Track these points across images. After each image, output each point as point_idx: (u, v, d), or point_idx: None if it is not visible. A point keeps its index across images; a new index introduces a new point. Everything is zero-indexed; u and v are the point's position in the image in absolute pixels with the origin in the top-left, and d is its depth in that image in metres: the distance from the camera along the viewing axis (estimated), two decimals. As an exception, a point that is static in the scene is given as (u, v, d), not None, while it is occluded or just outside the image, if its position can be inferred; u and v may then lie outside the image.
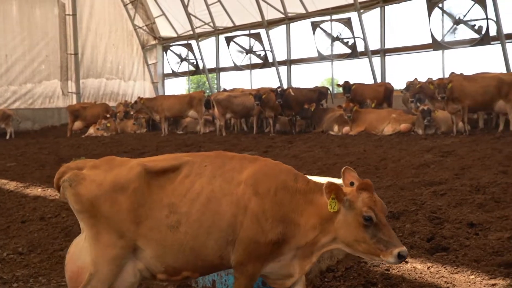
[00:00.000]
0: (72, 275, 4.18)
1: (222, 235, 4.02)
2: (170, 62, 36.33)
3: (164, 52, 36.82)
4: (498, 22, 21.52)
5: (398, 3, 25.73)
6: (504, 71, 20.91)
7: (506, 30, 21.79)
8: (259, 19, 29.89)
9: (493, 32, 21.64)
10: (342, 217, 3.93)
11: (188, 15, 32.85)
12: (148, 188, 4.13)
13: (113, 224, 4.07)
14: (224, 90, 27.72)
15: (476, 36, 21.92)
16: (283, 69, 30.50)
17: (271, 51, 30.16)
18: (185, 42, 35.18)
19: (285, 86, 27.47)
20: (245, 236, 4.00)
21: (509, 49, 21.81)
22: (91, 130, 26.34)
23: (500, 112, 17.45)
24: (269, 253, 4.02)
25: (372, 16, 26.57)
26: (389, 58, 26.62)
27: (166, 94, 35.61)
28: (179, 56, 35.39)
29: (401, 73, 29.47)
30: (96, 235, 4.13)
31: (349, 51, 26.87)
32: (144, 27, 36.84)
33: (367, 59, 26.11)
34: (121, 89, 36.53)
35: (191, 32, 33.82)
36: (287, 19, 29.71)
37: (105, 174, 4.20)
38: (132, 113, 27.18)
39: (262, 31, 30.21)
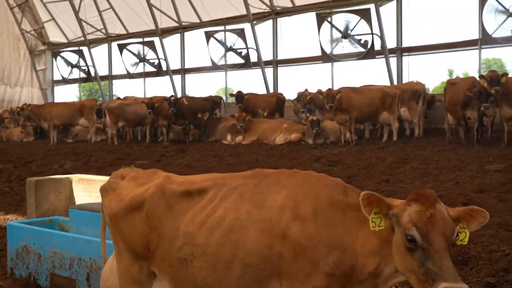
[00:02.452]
0: None
1: (251, 270, 3.32)
2: (60, 68, 35.16)
3: (54, 58, 35.61)
4: (382, 37, 22.64)
5: (290, 15, 26.44)
6: (388, 83, 22.00)
7: (389, 45, 22.97)
8: (152, 27, 29.64)
9: (377, 46, 22.74)
10: (394, 238, 3.05)
11: (79, 21, 32.01)
12: (165, 212, 3.63)
13: (129, 245, 3.76)
14: (118, 98, 27.27)
15: (362, 50, 22.94)
16: (177, 78, 30.40)
17: (165, 59, 29.98)
18: (76, 48, 34.19)
19: (179, 95, 27.42)
20: (292, 270, 3.24)
21: (392, 63, 23.01)
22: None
23: (384, 123, 18.33)
24: None
25: (265, 28, 27.15)
26: (281, 69, 27.26)
27: (56, 101, 34.42)
28: (70, 62, 34.35)
29: (292, 83, 30.17)
30: (118, 254, 3.86)
31: (242, 61, 27.23)
32: (32, 32, 35.46)
33: (260, 69, 26.59)
34: (6, 96, 34.97)
35: (82, 39, 32.95)
36: (181, 28, 29.69)
37: (133, 188, 3.85)
38: (21, 121, 26.10)
39: (156, 39, 29.97)
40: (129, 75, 31.53)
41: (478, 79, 16.08)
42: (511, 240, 6.18)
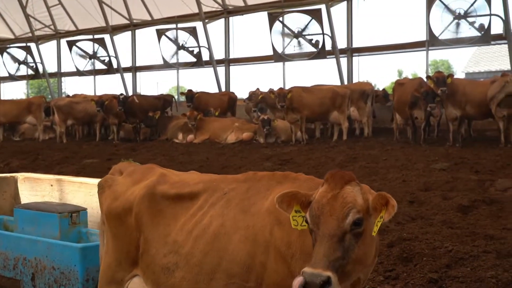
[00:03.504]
0: None
1: (235, 281, 3.15)
2: (7, 65, 34.23)
3: (0, 55, 34.67)
4: (333, 38, 22.92)
5: (242, 14, 26.49)
6: (339, 83, 22.28)
7: (340, 45, 23.27)
8: (103, 24, 29.22)
9: (328, 46, 22.99)
10: None
11: (27, 16, 31.27)
12: (154, 217, 3.50)
13: (118, 246, 3.66)
14: (67, 96, 26.80)
15: (314, 50, 23.16)
16: (128, 76, 30.06)
17: (116, 57, 29.61)
18: (24, 44, 33.38)
19: (130, 93, 27.20)
20: (272, 283, 3.05)
21: (342, 63, 23.32)
22: None
23: (335, 123, 18.56)
24: None
25: (217, 26, 27.12)
26: (233, 68, 27.28)
27: (2, 98, 33.55)
28: (17, 59, 33.51)
29: (244, 83, 30.34)
30: (107, 251, 3.77)
31: (194, 60, 27.12)
32: (-23, 27, 34.49)
33: (212, 68, 26.55)
34: None
35: (30, 35, 32.21)
36: (132, 26, 29.37)
37: (128, 186, 3.73)
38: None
39: (106, 37, 29.57)
40: (79, 73, 30.99)
41: (425, 79, 16.46)
42: (454, 237, 6.35)
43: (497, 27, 19.74)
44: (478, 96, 15.11)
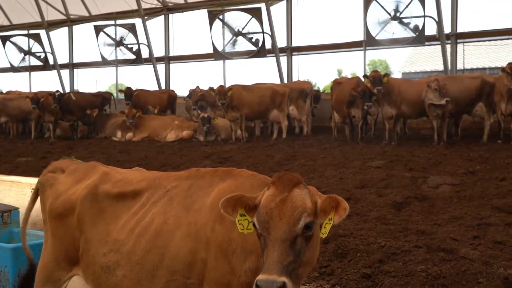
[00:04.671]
0: None
1: (176, 278, 3.13)
2: None
3: None
4: (273, 36, 23.07)
5: (182, 12, 26.34)
6: (279, 82, 22.45)
7: (279, 44, 23.46)
8: (38, 19, 28.49)
9: (268, 45, 23.14)
10: None
11: (-42, 10, 30.21)
12: (96, 216, 3.45)
13: (58, 246, 3.57)
14: (1, 92, 26.00)
15: (254, 48, 23.25)
16: (65, 73, 29.42)
17: (52, 53, 28.93)
18: (-46, 39, 32.21)
19: (68, 90, 26.64)
20: (212, 279, 3.04)
21: (282, 62, 23.51)
22: None
23: (274, 121, 18.69)
24: None
25: (156, 23, 26.90)
26: (173, 66, 27.10)
27: None
28: None
29: (184, 80, 30.17)
30: (45, 249, 3.67)
31: (133, 57, 26.78)
32: None
33: (152, 65, 26.30)
34: None
35: (-39, 29, 31.13)
36: (70, 21, 28.77)
37: (70, 185, 3.64)
38: None
39: (42, 32, 28.84)
40: (13, 69, 30.10)
41: (362, 79, 16.78)
42: (387, 233, 6.51)
43: (431, 29, 20.34)
44: (413, 95, 15.50)
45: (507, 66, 14.17)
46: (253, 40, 23.16)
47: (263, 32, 22.83)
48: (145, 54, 26.49)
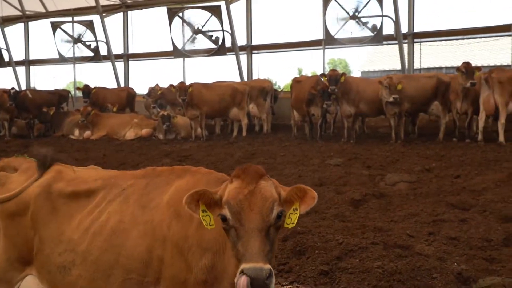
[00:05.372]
0: None
1: (132, 276, 3.12)
2: None
3: None
4: (232, 35, 23.06)
5: (141, 9, 26.10)
6: (239, 80, 22.46)
7: (239, 42, 23.45)
8: (-8, 14, 27.89)
9: (228, 43, 23.11)
10: None
11: None
12: (50, 215, 3.40)
13: (11, 245, 3.49)
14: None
15: (214, 46, 23.19)
16: (21, 70, 28.85)
17: (7, 50, 28.33)
18: None
19: (24, 88, 26.12)
20: (168, 276, 3.04)
21: (242, 60, 23.53)
22: None
23: (234, 119, 18.68)
24: None
25: (115, 20, 26.58)
26: (132, 63, 26.84)
27: None
28: None
29: (144, 78, 29.90)
30: None
31: (91, 54, 26.41)
32: None
33: (110, 63, 25.99)
34: None
35: None
36: (25, 17, 28.21)
37: (23, 184, 3.55)
38: None
39: (-4, 28, 28.24)
40: (-33, 66, 29.41)
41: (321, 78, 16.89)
42: (345, 230, 6.58)
43: (389, 28, 20.61)
44: (371, 94, 15.70)
45: (462, 65, 14.47)
46: (213, 38, 23.09)
47: (223, 30, 22.79)
48: (103, 51, 26.17)
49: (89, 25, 25.91)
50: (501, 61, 22.17)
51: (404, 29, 20.62)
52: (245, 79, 22.89)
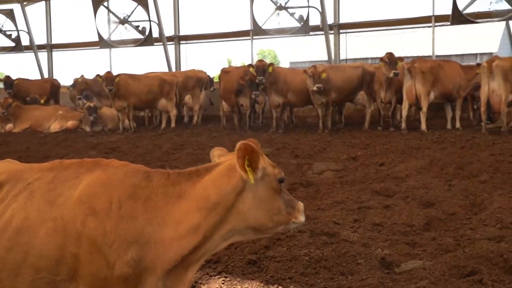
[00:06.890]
0: None
1: (43, 275, 2.98)
2: None
3: None
4: (159, 25, 22.77)
5: (64, -2, 25.42)
6: (167, 70, 22.21)
7: (167, 33, 23.19)
8: None
9: (156, 33, 22.82)
10: (252, 194, 3.09)
11: None
12: None
13: None
14: None
15: (141, 36, 22.85)
16: None
17: None
18: None
19: None
20: (86, 273, 2.94)
21: (170, 51, 23.28)
22: None
23: (163, 110, 18.49)
24: None
25: (37, 10, 25.75)
26: (56, 54, 26.09)
27: None
28: None
29: (68, 69, 29.18)
30: None
31: (13, 44, 25.52)
32: None
33: (33, 53, 25.19)
34: None
35: None
36: None
37: None
38: None
39: None
40: None
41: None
42: (273, 219, 6.63)
43: (316, 19, 20.87)
44: (299, 84, 15.86)
45: (385, 55, 14.85)
46: (140, 28, 22.75)
47: (149, 20, 22.48)
48: (25, 41, 25.31)
49: (9, 14, 25.00)
50: (423, 51, 22.87)
51: (330, 20, 20.92)
52: (173, 69, 22.66)
